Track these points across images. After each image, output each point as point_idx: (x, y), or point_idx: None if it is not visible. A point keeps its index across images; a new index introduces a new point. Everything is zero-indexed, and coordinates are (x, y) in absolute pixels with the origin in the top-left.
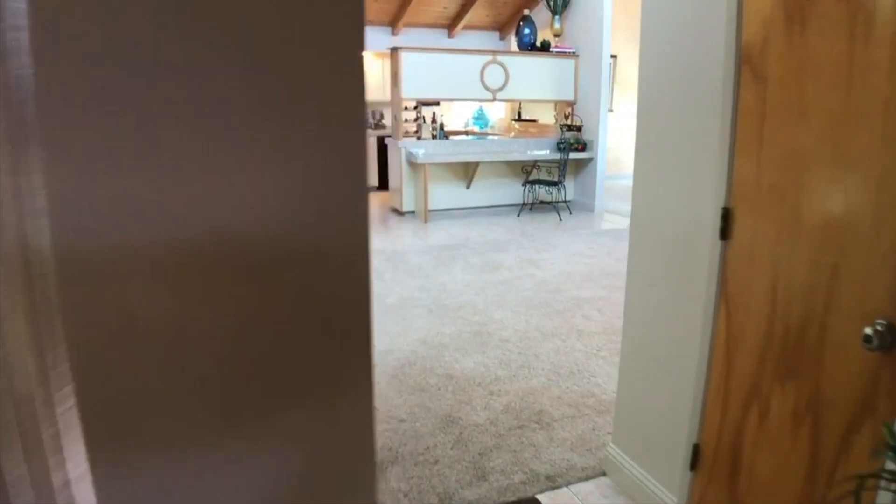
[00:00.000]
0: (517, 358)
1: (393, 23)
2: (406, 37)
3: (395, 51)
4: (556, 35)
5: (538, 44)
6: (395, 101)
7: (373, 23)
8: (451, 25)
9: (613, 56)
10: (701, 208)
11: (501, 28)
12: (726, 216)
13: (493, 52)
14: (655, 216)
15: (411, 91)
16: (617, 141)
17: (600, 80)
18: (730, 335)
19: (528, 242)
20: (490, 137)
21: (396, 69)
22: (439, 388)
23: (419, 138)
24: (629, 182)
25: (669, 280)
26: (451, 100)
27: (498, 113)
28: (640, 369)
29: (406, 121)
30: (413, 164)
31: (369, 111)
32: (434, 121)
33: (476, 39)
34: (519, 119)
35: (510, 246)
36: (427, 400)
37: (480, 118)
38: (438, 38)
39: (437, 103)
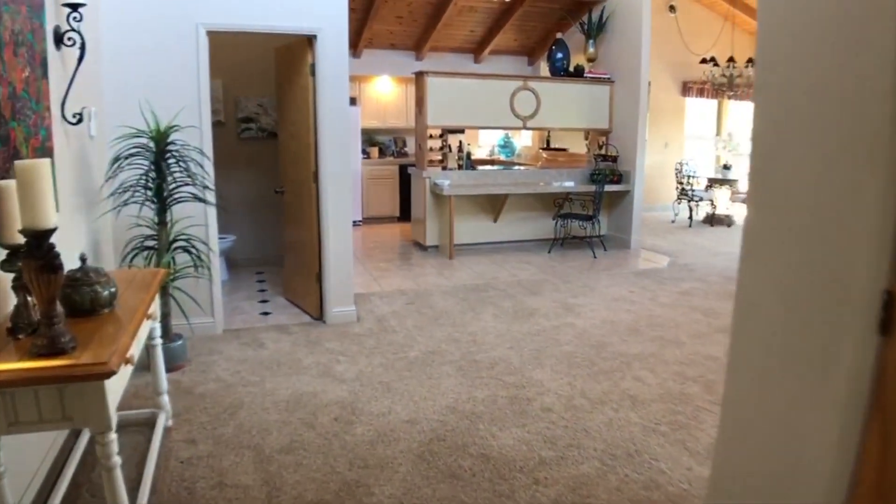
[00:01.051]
0: (563, 434)
1: (418, 47)
2: (431, 62)
3: (420, 75)
4: (591, 60)
5: (571, 69)
6: (420, 128)
7: (396, 47)
8: (477, 50)
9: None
10: (847, 288)
11: (530, 53)
12: (890, 304)
13: (524, 78)
14: (774, 292)
15: (437, 118)
16: (650, 171)
17: (638, 108)
18: (887, 469)
19: (563, 284)
20: (518, 168)
21: (422, 94)
22: (474, 475)
23: (444, 168)
24: (664, 214)
25: (789, 380)
26: (480, 128)
27: (524, 141)
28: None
29: (431, 149)
30: (438, 196)
31: (390, 138)
32: (460, 149)
33: (504, 65)
34: (547, 147)
35: (544, 288)
36: (461, 491)
37: (506, 146)
38: (464, 63)
39: (461, 131)
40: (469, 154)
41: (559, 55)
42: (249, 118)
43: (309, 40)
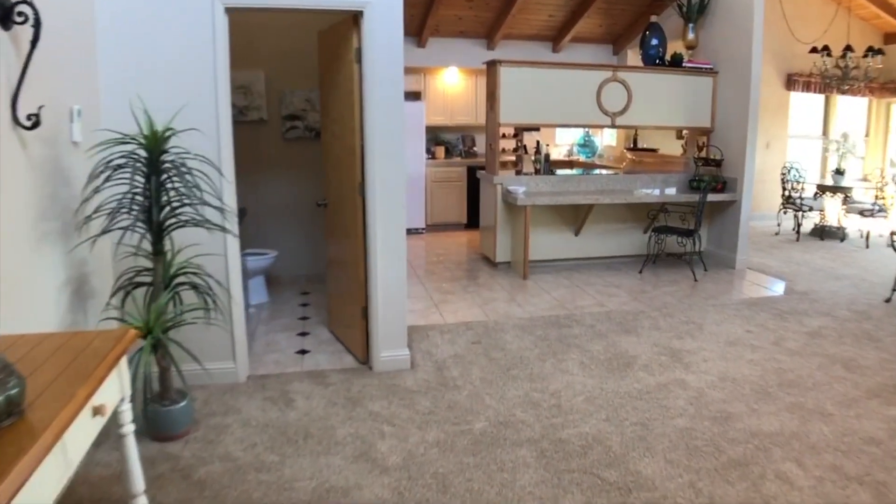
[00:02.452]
0: None
1: (489, 35)
2: (504, 51)
3: (492, 65)
4: (690, 48)
5: (667, 58)
6: (491, 126)
7: (466, 35)
8: (557, 38)
9: None
10: None
11: (616, 41)
12: None
13: (614, 68)
14: None
15: (511, 114)
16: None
17: (748, 104)
18: None
19: (663, 318)
20: (601, 171)
21: (494, 87)
22: None
23: (519, 172)
24: (765, 224)
25: None
26: (561, 125)
27: (607, 139)
28: None
29: (503, 150)
30: (510, 205)
31: (458, 137)
32: (537, 150)
33: (586, 54)
34: (634, 148)
35: (640, 323)
36: None
37: (587, 145)
38: (542, 52)
39: (536, 129)
40: (548, 156)
41: (654, 41)
42: (295, 115)
43: (354, 18)
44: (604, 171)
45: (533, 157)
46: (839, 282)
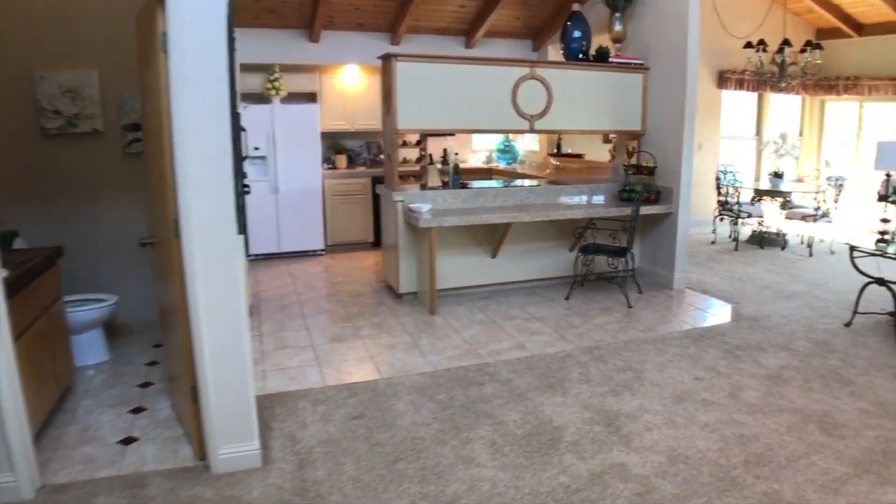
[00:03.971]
0: None
1: (393, 28)
2: (411, 45)
3: (386, 59)
4: (617, 41)
5: (592, 52)
6: (388, 133)
7: (365, 27)
8: (470, 31)
9: None
10: None
11: (536, 35)
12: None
13: (531, 63)
14: None
15: (411, 119)
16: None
17: (683, 104)
18: None
19: (594, 363)
20: (522, 181)
21: (389, 87)
22: None
23: (424, 186)
24: (700, 232)
25: None
26: (470, 131)
27: (529, 144)
28: None
29: (405, 161)
30: (415, 227)
31: (362, 143)
32: (445, 160)
33: (503, 50)
34: (558, 153)
35: (567, 373)
36: None
37: (508, 151)
38: (453, 48)
39: (451, 134)
40: (457, 167)
41: (576, 33)
42: (139, 125)
43: None
44: (526, 182)
45: (440, 169)
46: (790, 302)
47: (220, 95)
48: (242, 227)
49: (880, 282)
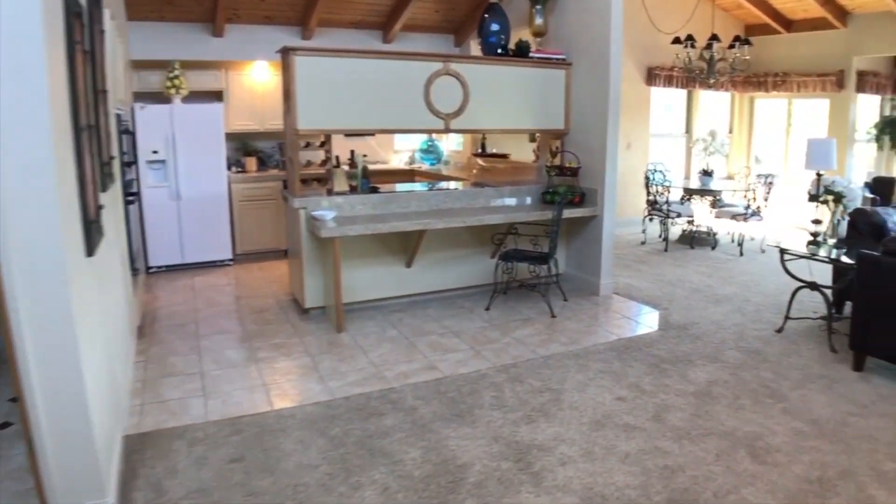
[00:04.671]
0: None
1: (303, 21)
2: (323, 40)
3: (285, 54)
4: (538, 35)
5: (512, 47)
6: (288, 134)
7: (273, 20)
8: (386, 25)
9: None
10: None
11: (457, 30)
12: None
13: (445, 58)
14: None
15: (313, 118)
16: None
17: (607, 102)
18: None
19: (510, 384)
20: (447, 185)
21: (288, 83)
22: None
23: (330, 192)
24: (629, 232)
25: None
26: (377, 131)
27: (453, 144)
28: None
29: (309, 164)
30: (318, 236)
31: (273, 145)
32: (352, 163)
33: (423, 44)
34: (483, 154)
35: (479, 398)
36: None
37: (431, 151)
38: (370, 42)
39: (371, 134)
40: (365, 169)
41: (494, 27)
42: None
43: None
44: (451, 184)
45: (347, 173)
46: (720, 306)
47: (26, 94)
48: (91, 249)
49: (812, 286)
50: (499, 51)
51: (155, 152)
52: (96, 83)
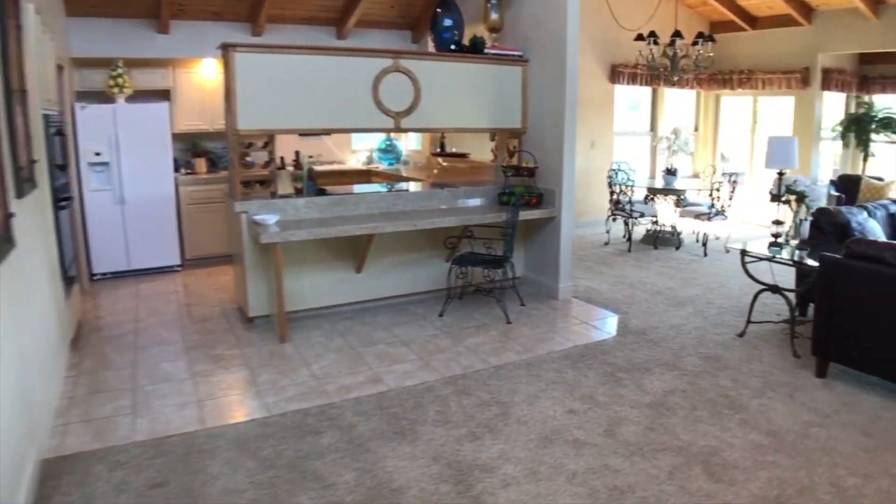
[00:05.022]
0: None
1: (253, 17)
2: (275, 36)
3: (225, 50)
4: (494, 30)
5: (466, 43)
6: (229, 134)
7: (221, 16)
8: (340, 21)
9: None
10: None
11: (415, 26)
12: None
13: (395, 54)
14: None
15: (254, 118)
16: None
17: (563, 100)
18: None
19: (456, 398)
20: (405, 186)
21: (229, 82)
22: None
23: (274, 195)
24: (593, 233)
25: None
26: (321, 132)
27: (413, 143)
28: None
29: (252, 165)
30: (260, 242)
31: (224, 146)
32: (298, 164)
33: (378, 40)
34: (442, 153)
35: (423, 413)
36: None
37: (390, 151)
38: (324, 39)
39: (327, 133)
40: (311, 171)
41: (447, 22)
42: None
43: None
44: (410, 185)
45: (291, 175)
46: (682, 309)
47: None
48: None
49: (774, 289)
50: (452, 47)
51: (97, 154)
52: (9, 83)
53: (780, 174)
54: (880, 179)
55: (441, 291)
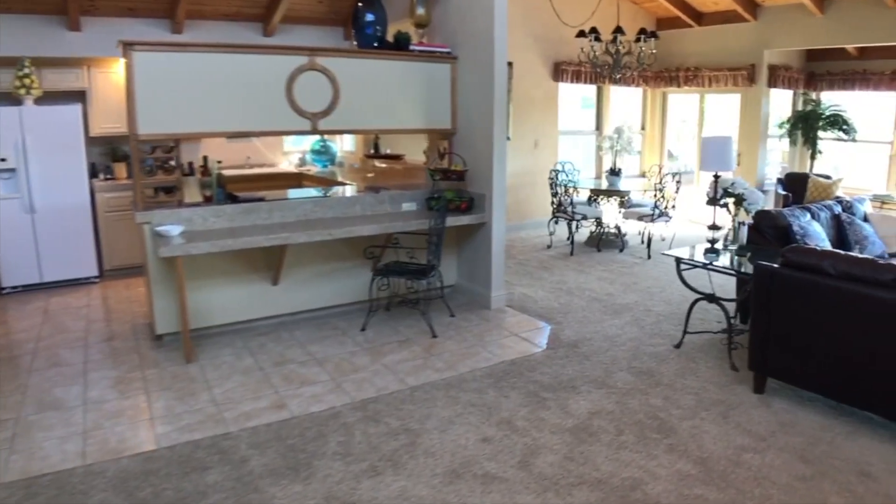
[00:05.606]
0: None
1: (171, 13)
2: (197, 33)
3: (125, 48)
4: (421, 26)
5: (390, 40)
6: (131, 139)
7: (137, 13)
8: (266, 17)
9: (509, 64)
10: None
11: (346, 22)
12: None
13: (311, 51)
14: None
15: (157, 121)
16: (517, 179)
17: (492, 99)
18: None
19: (363, 426)
20: (342, 188)
21: (129, 83)
22: None
23: (180, 203)
24: (536, 235)
25: None
26: (234, 135)
27: (348, 144)
28: None
29: (154, 172)
30: (159, 255)
31: (147, 148)
32: (205, 170)
33: (308, 37)
34: (376, 155)
35: (323, 444)
36: None
37: (323, 152)
38: (250, 36)
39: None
40: (220, 177)
41: (369, 17)
42: None
43: None
44: (344, 189)
45: (199, 181)
46: (618, 318)
47: None
48: None
49: (710, 298)
50: (375, 44)
51: (3, 160)
52: None
53: (716, 177)
54: (828, 177)
55: (367, 303)
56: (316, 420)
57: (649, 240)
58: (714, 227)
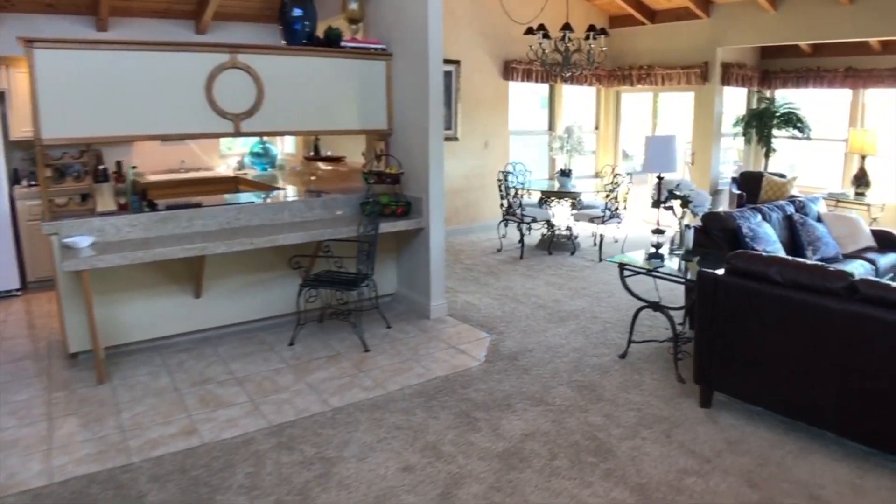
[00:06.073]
0: None
1: (95, 9)
2: (124, 31)
3: (25, 46)
4: (354, 21)
5: (321, 36)
6: (35, 144)
7: (58, 9)
8: (198, 14)
9: (456, 62)
10: None
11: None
12: None
13: (233, 48)
14: None
15: (62, 125)
16: (466, 181)
17: (427, 98)
18: None
19: (276, 454)
20: (283, 191)
21: (33, 83)
22: None
23: (93, 212)
24: (486, 238)
25: None
26: (148, 138)
27: (288, 146)
28: None
29: (63, 178)
30: (62, 269)
31: (75, 152)
32: (120, 176)
33: (245, 35)
34: (316, 157)
35: (229, 476)
36: None
37: (263, 155)
38: (182, 34)
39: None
40: (136, 184)
41: (297, 12)
42: None
43: None
44: (285, 193)
45: (115, 187)
46: (563, 326)
47: None
48: None
49: (654, 306)
50: (304, 40)
51: None
52: None
53: (660, 178)
54: (782, 176)
55: (292, 316)
56: (226, 448)
57: (601, 242)
58: (658, 231)
